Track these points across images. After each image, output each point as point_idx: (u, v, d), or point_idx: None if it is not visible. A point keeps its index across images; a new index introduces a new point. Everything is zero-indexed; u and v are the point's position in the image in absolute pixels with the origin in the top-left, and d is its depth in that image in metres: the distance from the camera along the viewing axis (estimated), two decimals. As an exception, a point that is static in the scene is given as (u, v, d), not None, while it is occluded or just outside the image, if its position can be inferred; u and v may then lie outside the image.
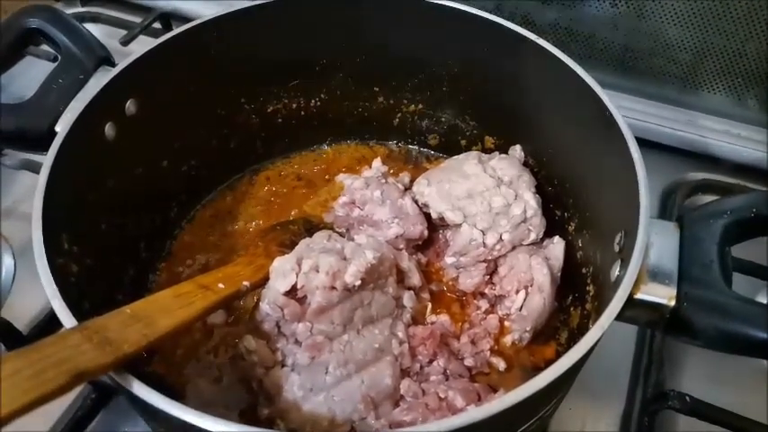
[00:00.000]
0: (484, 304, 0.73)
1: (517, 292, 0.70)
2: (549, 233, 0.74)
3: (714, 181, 0.92)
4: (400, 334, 0.63)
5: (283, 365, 0.59)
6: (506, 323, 0.71)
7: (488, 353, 0.68)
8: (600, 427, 0.71)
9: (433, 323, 0.69)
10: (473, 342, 0.69)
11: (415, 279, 0.69)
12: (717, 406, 0.67)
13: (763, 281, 0.77)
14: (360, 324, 0.61)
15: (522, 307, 0.70)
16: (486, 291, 0.73)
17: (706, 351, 0.73)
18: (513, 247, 0.72)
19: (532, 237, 0.72)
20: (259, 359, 0.59)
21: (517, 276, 0.70)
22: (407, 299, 0.67)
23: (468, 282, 0.73)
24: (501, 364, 0.68)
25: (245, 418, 0.59)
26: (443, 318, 0.70)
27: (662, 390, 0.71)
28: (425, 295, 0.71)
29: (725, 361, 0.73)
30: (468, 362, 0.67)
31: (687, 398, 0.67)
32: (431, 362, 0.64)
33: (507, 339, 0.70)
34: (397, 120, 0.87)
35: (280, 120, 0.84)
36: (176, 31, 0.70)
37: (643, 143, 0.58)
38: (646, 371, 0.74)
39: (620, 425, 0.71)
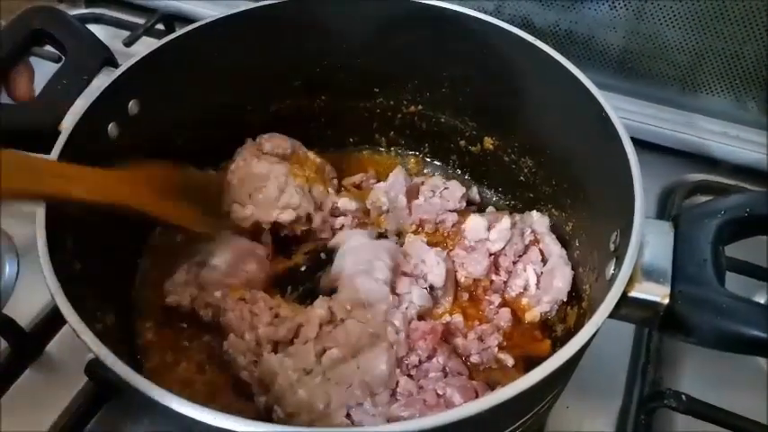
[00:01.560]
0: (496, 299, 0.73)
1: (524, 269, 0.73)
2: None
3: (712, 182, 0.93)
4: (397, 323, 0.64)
5: (276, 352, 0.61)
6: (524, 300, 0.72)
7: (496, 349, 0.68)
8: (597, 425, 0.71)
9: (447, 323, 0.69)
10: (480, 338, 0.69)
11: (437, 279, 0.70)
12: (713, 405, 0.67)
13: (762, 281, 0.78)
14: (348, 305, 0.64)
15: (538, 282, 0.72)
16: (494, 278, 0.74)
17: (703, 350, 0.74)
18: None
19: None
20: (235, 350, 0.62)
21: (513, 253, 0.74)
22: (417, 295, 0.68)
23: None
24: (509, 361, 0.68)
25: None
26: (457, 318, 0.70)
27: (659, 388, 0.71)
28: (447, 298, 0.72)
29: (722, 360, 0.74)
30: (475, 358, 0.67)
31: (683, 396, 0.67)
32: (430, 358, 0.64)
33: (535, 314, 0.70)
34: (398, 120, 0.87)
35: (281, 120, 0.84)
36: (178, 32, 0.71)
37: (642, 144, 0.59)
38: (643, 370, 0.74)
39: (616, 423, 0.71)
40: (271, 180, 0.75)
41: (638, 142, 0.57)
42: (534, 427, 0.62)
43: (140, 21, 1.12)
